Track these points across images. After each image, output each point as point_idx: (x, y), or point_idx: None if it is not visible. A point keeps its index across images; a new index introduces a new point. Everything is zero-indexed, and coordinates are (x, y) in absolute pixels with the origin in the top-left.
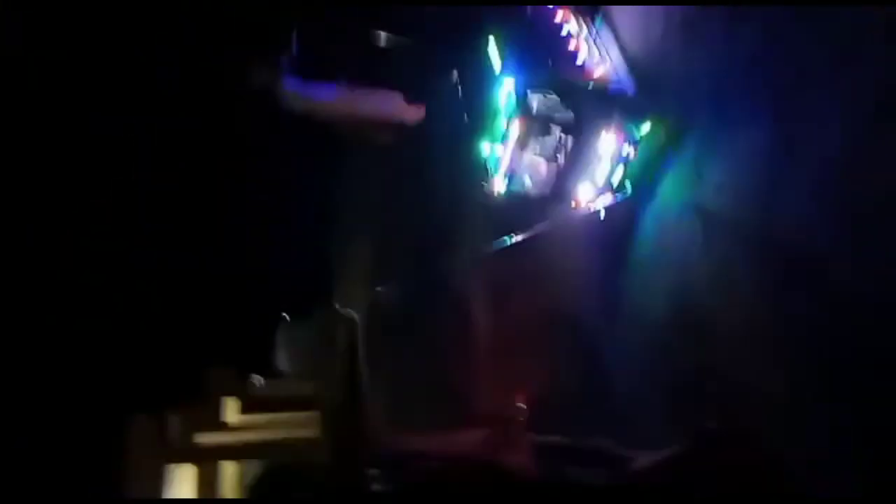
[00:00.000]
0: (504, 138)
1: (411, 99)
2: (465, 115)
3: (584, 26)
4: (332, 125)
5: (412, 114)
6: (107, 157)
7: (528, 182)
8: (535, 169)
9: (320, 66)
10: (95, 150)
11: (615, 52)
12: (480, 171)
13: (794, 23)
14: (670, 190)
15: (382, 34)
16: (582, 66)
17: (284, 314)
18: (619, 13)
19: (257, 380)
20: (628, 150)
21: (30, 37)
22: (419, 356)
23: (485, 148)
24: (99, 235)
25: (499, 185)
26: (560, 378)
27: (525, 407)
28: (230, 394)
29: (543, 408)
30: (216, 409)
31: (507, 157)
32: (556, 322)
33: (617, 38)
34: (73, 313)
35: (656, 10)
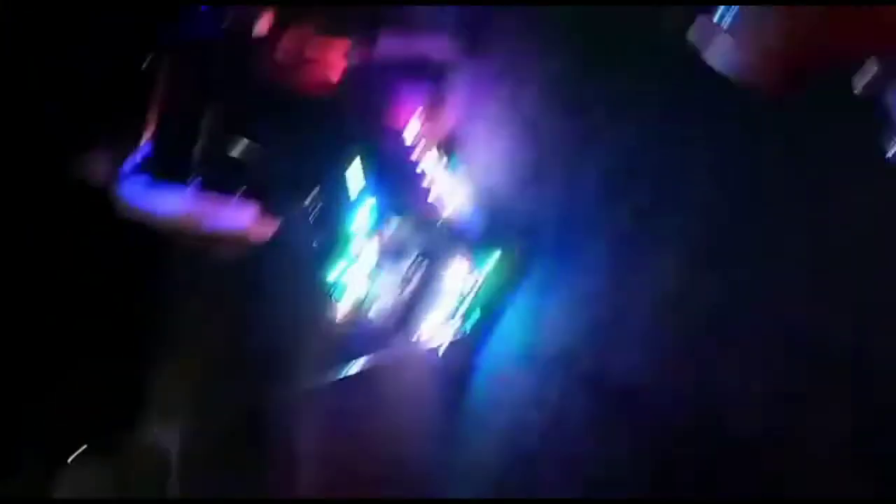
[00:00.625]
0: (354, 263)
1: (265, 213)
2: (318, 235)
3: (440, 160)
4: (169, 236)
5: (262, 230)
6: None
7: (374, 310)
8: (382, 298)
9: (169, 171)
10: None
11: (465, 191)
12: (327, 296)
13: (631, 178)
14: (511, 329)
15: (243, 142)
16: (435, 199)
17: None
18: (474, 151)
19: None
20: (474, 284)
21: None
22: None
23: (334, 271)
24: None
25: (345, 311)
26: None
27: None
28: None
29: None
30: None
31: (356, 282)
32: (387, 461)
33: (468, 178)
34: None
35: (503, 155)
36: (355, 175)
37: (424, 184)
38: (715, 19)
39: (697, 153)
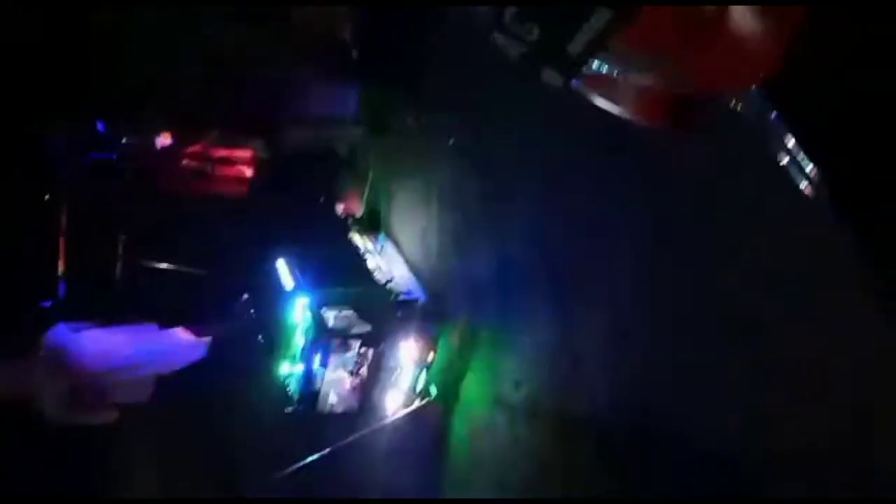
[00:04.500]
0: (303, 358)
1: (198, 332)
2: (260, 337)
3: (369, 242)
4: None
5: (194, 350)
6: None
7: (333, 399)
8: (339, 384)
9: (88, 308)
10: None
11: (400, 265)
12: (281, 393)
13: (555, 221)
14: (474, 390)
15: (167, 266)
16: (372, 280)
17: None
18: (399, 230)
19: None
20: (427, 354)
21: None
22: None
23: (284, 369)
24: None
25: (303, 405)
26: None
27: None
28: None
29: None
30: None
31: (308, 375)
32: None
33: (400, 251)
34: None
35: (429, 227)
36: (284, 271)
37: (357, 266)
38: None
39: (617, 195)
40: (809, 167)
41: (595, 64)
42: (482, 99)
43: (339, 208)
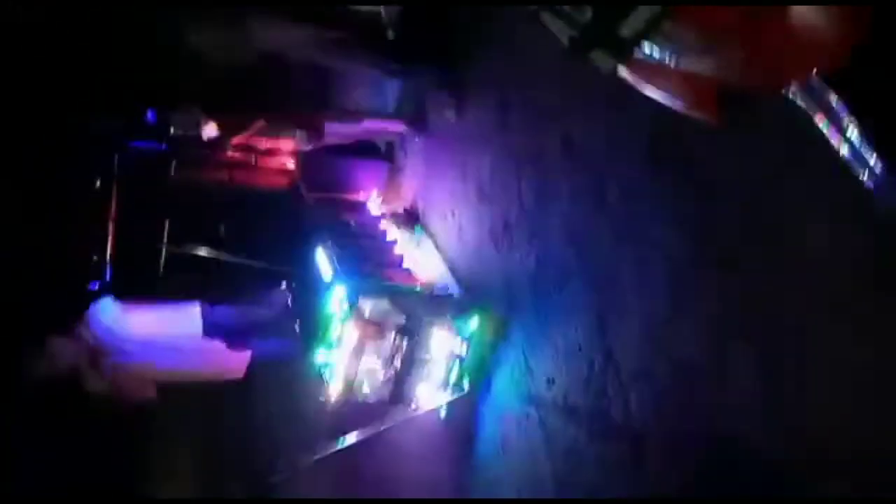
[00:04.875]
0: (338, 345)
1: (235, 343)
2: (297, 324)
3: (405, 234)
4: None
5: (235, 368)
6: None
7: (367, 389)
8: (372, 374)
9: (134, 287)
10: None
11: (436, 259)
12: (316, 380)
13: (592, 217)
14: (506, 385)
15: (201, 252)
16: (408, 272)
17: None
18: (436, 224)
19: None
20: (460, 348)
21: None
22: None
23: (319, 356)
24: None
25: (336, 393)
26: None
27: None
28: None
29: None
30: None
31: (343, 363)
32: None
33: (436, 246)
34: None
35: (467, 222)
36: (323, 261)
37: (393, 259)
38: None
39: (654, 193)
40: (873, 159)
41: (646, 48)
42: (525, 90)
43: (378, 201)
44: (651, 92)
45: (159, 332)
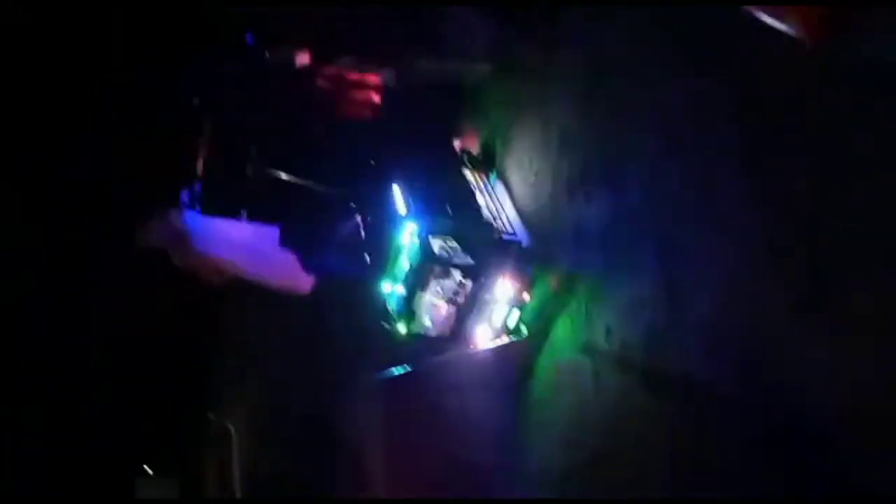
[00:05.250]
0: (405, 280)
1: (307, 262)
2: (368, 256)
3: (481, 180)
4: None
5: (304, 283)
6: None
7: (427, 322)
8: (435, 310)
9: (220, 204)
10: None
11: (508, 205)
12: (381, 311)
13: (671, 177)
14: (564, 333)
15: (284, 175)
16: (480, 216)
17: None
18: (512, 171)
19: None
20: (523, 295)
21: None
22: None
23: (386, 288)
24: None
25: (399, 325)
26: None
27: None
28: None
29: None
30: None
31: (408, 297)
32: (451, 461)
33: (510, 193)
34: None
35: (544, 171)
36: (399, 196)
37: (467, 201)
38: None
39: (733, 155)
40: None
41: None
42: (614, 44)
43: (457, 143)
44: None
45: (239, 240)
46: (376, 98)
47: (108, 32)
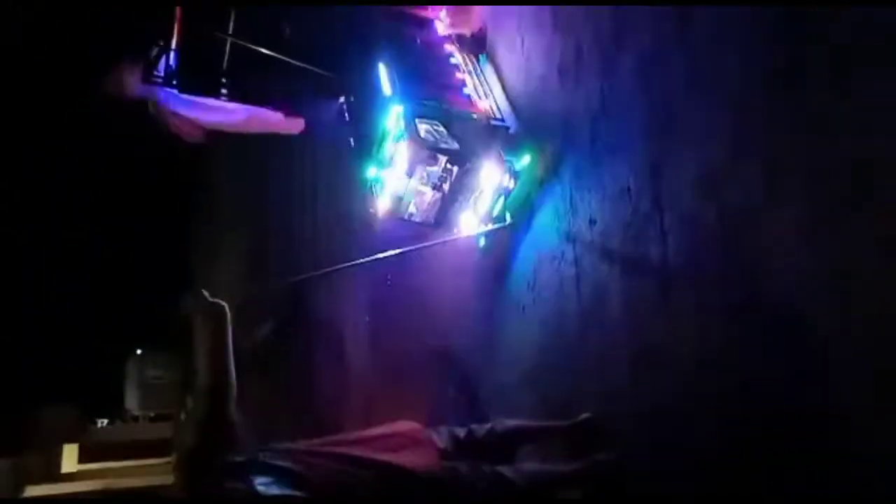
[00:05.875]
0: (391, 163)
1: (293, 113)
2: (352, 138)
3: (469, 62)
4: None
5: (292, 125)
6: None
7: (412, 208)
8: (420, 195)
9: (199, 81)
10: None
11: (497, 89)
12: (366, 194)
13: (662, 66)
14: (546, 221)
15: (269, 53)
16: (467, 100)
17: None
18: (502, 53)
19: (100, 423)
20: (508, 181)
21: None
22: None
23: (371, 171)
24: None
25: (383, 208)
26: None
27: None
28: (68, 440)
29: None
30: (51, 458)
31: (393, 181)
32: (429, 342)
33: (499, 76)
34: None
35: (535, 53)
36: (383, 78)
37: (455, 83)
38: None
39: (727, 48)
40: None
41: None
42: None
43: (447, 24)
44: None
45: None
46: None
47: None
